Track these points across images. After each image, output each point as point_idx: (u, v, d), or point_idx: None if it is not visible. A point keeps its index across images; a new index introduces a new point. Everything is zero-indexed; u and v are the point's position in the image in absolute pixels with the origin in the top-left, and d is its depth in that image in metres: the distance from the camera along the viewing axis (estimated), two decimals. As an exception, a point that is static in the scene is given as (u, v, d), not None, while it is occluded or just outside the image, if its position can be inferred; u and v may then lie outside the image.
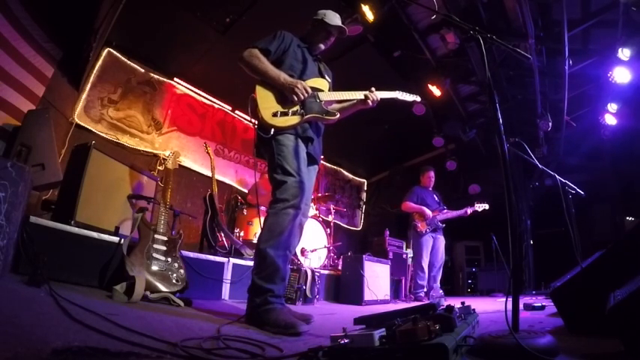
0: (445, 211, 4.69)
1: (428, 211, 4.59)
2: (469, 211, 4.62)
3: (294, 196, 1.79)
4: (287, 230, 1.77)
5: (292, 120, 1.89)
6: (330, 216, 5.11)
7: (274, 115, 1.87)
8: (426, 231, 4.59)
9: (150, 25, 4.11)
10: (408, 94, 2.25)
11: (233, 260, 2.99)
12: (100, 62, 4.14)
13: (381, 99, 2.12)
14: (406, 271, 5.00)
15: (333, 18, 2.19)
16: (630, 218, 6.00)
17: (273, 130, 1.87)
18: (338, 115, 2.02)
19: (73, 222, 2.12)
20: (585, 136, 5.94)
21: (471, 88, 5.72)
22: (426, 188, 4.92)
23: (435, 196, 4.86)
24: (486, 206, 4.65)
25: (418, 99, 2.31)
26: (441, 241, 4.69)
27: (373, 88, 2.09)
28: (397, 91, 2.22)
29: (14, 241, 1.62)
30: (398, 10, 4.06)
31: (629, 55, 3.96)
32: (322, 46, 2.23)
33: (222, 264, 2.90)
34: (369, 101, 2.06)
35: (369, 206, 7.74)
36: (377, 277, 3.93)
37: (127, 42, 4.32)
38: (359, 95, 2.09)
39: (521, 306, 2.17)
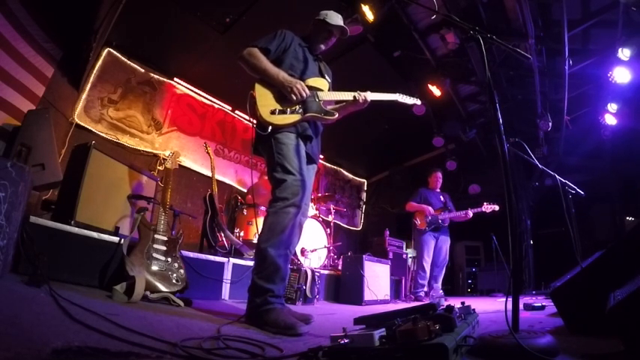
0: (448, 212, 4.63)
1: (429, 208, 4.59)
2: (470, 213, 4.48)
3: (294, 194, 1.79)
4: (287, 229, 1.77)
5: (290, 118, 1.89)
6: (330, 216, 5.11)
7: (272, 112, 1.87)
8: (425, 229, 4.60)
9: (150, 25, 4.11)
10: (408, 97, 2.24)
11: (233, 260, 2.99)
12: (100, 62, 4.14)
13: (380, 100, 2.12)
14: (406, 271, 5.00)
15: (335, 18, 2.20)
16: (630, 218, 6.00)
17: (270, 127, 1.87)
18: (337, 115, 2.02)
19: (73, 222, 2.12)
20: (585, 136, 5.93)
21: (471, 88, 5.72)
22: (431, 189, 4.92)
23: (441, 197, 4.83)
24: (496, 207, 4.44)
25: (418, 102, 2.31)
26: (444, 242, 4.66)
27: (369, 92, 2.08)
28: (397, 94, 2.21)
29: (14, 241, 1.62)
30: (398, 10, 4.06)
31: (629, 55, 3.96)
32: (323, 47, 2.23)
33: (222, 264, 2.90)
34: (360, 101, 2.03)
35: (369, 206, 7.74)
36: (377, 277, 3.93)
37: (127, 42, 4.31)
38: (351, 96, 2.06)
39: (521, 306, 2.17)
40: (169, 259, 2.20)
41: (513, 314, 1.19)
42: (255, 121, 1.95)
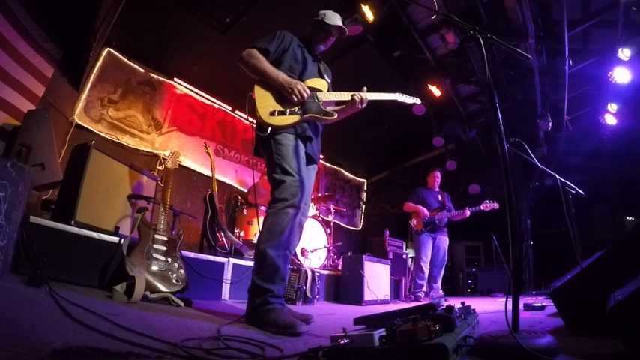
0: (446, 212, 4.62)
1: (424, 210, 4.58)
2: (468, 212, 4.48)
3: (293, 195, 1.79)
4: (287, 230, 1.77)
5: (290, 119, 1.89)
6: (330, 216, 5.11)
7: (271, 114, 1.87)
8: (421, 230, 4.59)
9: (150, 25, 4.11)
10: (408, 97, 2.23)
11: (233, 260, 2.99)
12: (100, 62, 4.14)
13: (380, 100, 2.12)
14: (406, 271, 5.00)
15: (334, 18, 2.19)
16: (630, 218, 6.00)
17: (270, 129, 1.87)
18: (336, 116, 2.02)
19: (73, 222, 2.12)
20: (585, 136, 5.94)
21: (471, 88, 5.72)
22: (429, 189, 4.91)
23: (439, 196, 4.81)
24: (496, 205, 4.39)
25: (418, 101, 2.30)
26: (442, 241, 4.64)
27: (365, 88, 2.06)
28: (397, 93, 2.21)
29: (14, 241, 1.62)
30: (398, 10, 4.06)
31: (629, 55, 3.96)
32: (322, 47, 2.22)
33: (222, 264, 2.90)
34: (357, 101, 1.99)
35: (369, 206, 7.74)
36: (377, 277, 3.93)
37: (127, 42, 4.31)
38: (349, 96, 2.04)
39: (521, 306, 2.17)
40: (169, 259, 2.20)
41: (513, 314, 1.19)
42: (255, 122, 1.95)
